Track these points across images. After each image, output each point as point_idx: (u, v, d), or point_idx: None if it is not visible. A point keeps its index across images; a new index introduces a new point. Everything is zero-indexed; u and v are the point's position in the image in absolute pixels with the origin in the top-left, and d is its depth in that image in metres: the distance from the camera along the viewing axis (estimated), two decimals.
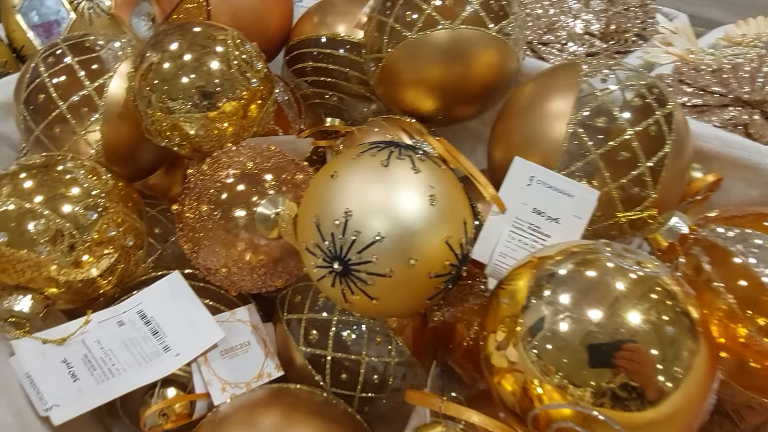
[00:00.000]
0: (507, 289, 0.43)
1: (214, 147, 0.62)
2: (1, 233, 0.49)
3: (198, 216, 0.54)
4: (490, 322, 0.43)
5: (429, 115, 0.68)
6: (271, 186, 0.54)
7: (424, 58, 0.62)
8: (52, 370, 0.47)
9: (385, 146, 0.49)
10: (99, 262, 0.54)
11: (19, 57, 0.97)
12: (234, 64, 0.60)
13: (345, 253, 0.45)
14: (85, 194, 0.53)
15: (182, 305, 0.55)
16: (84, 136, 0.65)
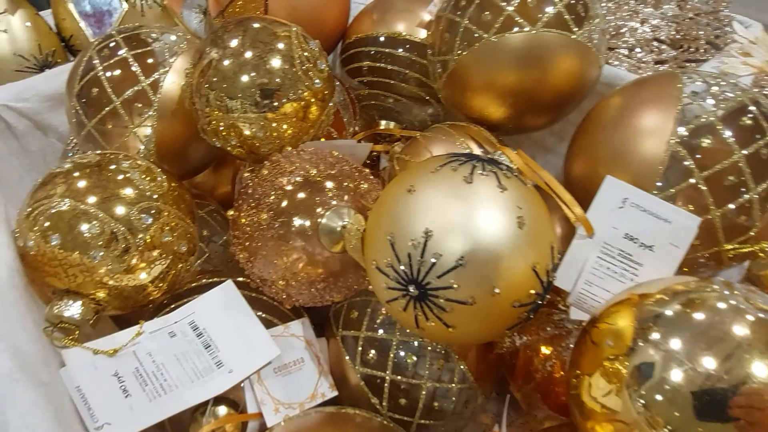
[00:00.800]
0: (604, 329, 0.39)
1: (271, 150, 0.59)
2: (54, 235, 0.47)
3: (256, 224, 0.51)
4: (585, 362, 0.39)
5: (497, 123, 0.64)
6: (335, 195, 0.51)
7: (499, 62, 0.58)
8: (103, 385, 0.44)
9: (466, 160, 0.44)
10: (151, 268, 0.51)
11: (67, 46, 0.96)
12: (297, 63, 0.57)
13: (423, 277, 0.41)
14: (139, 197, 0.51)
15: (235, 317, 0.52)
16: (136, 132, 0.62)
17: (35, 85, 0.74)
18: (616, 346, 0.37)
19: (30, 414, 0.33)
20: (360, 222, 0.48)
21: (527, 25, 0.56)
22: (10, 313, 0.40)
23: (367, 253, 0.46)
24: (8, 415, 0.33)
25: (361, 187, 0.53)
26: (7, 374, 0.35)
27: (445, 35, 0.61)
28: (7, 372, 0.35)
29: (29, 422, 0.33)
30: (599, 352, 0.38)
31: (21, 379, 0.35)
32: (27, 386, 0.35)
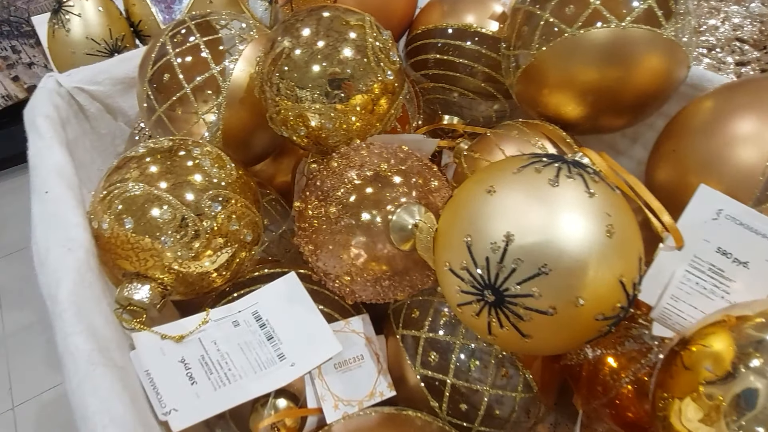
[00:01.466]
0: (698, 351, 0.36)
1: (338, 142, 0.58)
2: (128, 218, 0.47)
3: (323, 217, 0.50)
4: (675, 385, 0.36)
5: (572, 122, 0.61)
6: (405, 192, 0.49)
7: (581, 58, 0.55)
8: (171, 370, 0.44)
9: (550, 161, 0.42)
10: (217, 256, 0.51)
11: (136, 32, 0.98)
12: (369, 53, 0.56)
13: (501, 283, 0.39)
14: (210, 184, 0.51)
15: (298, 310, 0.52)
16: (204, 119, 0.62)
17: (107, 68, 0.75)
18: (712, 371, 0.34)
19: (108, 398, 0.34)
20: (432, 221, 0.46)
21: (614, 20, 0.52)
22: (87, 295, 0.41)
23: (440, 253, 0.44)
24: (88, 398, 0.33)
25: (431, 184, 0.52)
26: (86, 358, 0.35)
27: (523, 29, 0.58)
28: (86, 355, 0.35)
29: (108, 406, 0.33)
30: (692, 375, 0.35)
31: (99, 362, 0.35)
32: (105, 370, 0.35)
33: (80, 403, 0.33)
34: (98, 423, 0.32)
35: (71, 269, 0.42)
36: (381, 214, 0.48)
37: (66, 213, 0.49)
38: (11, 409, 1.13)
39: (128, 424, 0.33)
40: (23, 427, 1.09)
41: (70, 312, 0.38)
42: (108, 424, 0.32)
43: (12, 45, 2.28)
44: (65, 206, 0.50)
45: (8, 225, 1.65)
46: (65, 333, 0.37)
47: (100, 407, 0.33)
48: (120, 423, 0.32)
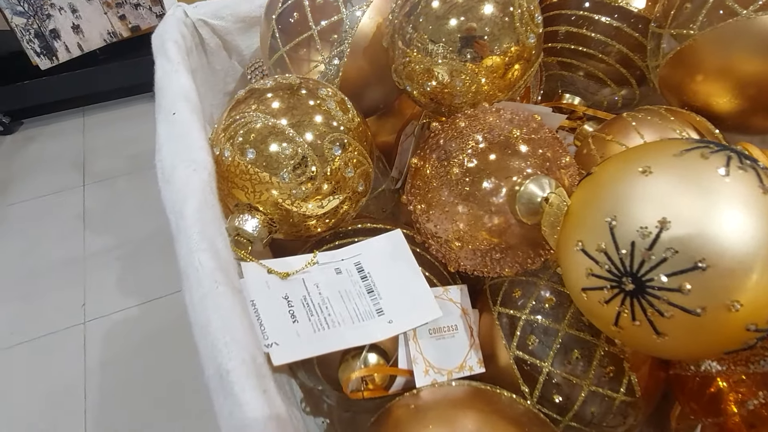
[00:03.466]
0: None
1: (461, 103, 0.55)
2: (250, 150, 0.47)
3: (444, 177, 0.48)
4: None
5: (719, 116, 0.55)
6: (534, 164, 0.46)
7: (750, 45, 0.49)
8: (275, 305, 0.44)
9: (719, 148, 0.38)
10: (328, 201, 0.50)
11: None
12: (516, 13, 0.52)
13: (646, 272, 0.36)
14: (331, 127, 0.49)
15: (401, 269, 0.50)
16: (327, 63, 0.61)
17: (231, 4, 0.76)
18: None
19: (229, 318, 0.34)
20: (564, 196, 0.43)
21: None
22: (210, 215, 0.41)
23: (571, 231, 0.41)
24: (210, 314, 0.33)
25: (562, 160, 0.48)
26: (210, 275, 0.35)
27: (686, 6, 0.53)
28: (210, 273, 0.35)
29: (229, 325, 0.33)
30: None
31: (222, 281, 0.35)
32: (227, 290, 0.35)
33: (202, 318, 0.33)
34: (220, 339, 0.31)
35: (196, 189, 0.42)
36: (507, 183, 0.46)
37: (192, 134, 0.49)
38: (83, 323, 1.21)
39: (249, 345, 0.32)
40: (91, 341, 1.17)
41: (195, 228, 0.38)
42: (230, 342, 0.31)
43: None
44: (191, 128, 0.50)
45: (102, 154, 1.75)
46: (190, 249, 0.37)
47: (222, 325, 0.33)
48: (241, 343, 0.32)
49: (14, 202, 1.58)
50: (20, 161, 1.77)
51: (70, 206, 1.54)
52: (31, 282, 1.31)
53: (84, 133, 1.93)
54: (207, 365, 0.32)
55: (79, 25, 2.35)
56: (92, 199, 1.57)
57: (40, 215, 1.52)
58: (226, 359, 0.31)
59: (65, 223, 1.48)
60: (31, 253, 1.39)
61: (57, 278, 1.31)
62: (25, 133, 1.95)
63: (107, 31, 2.43)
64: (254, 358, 0.32)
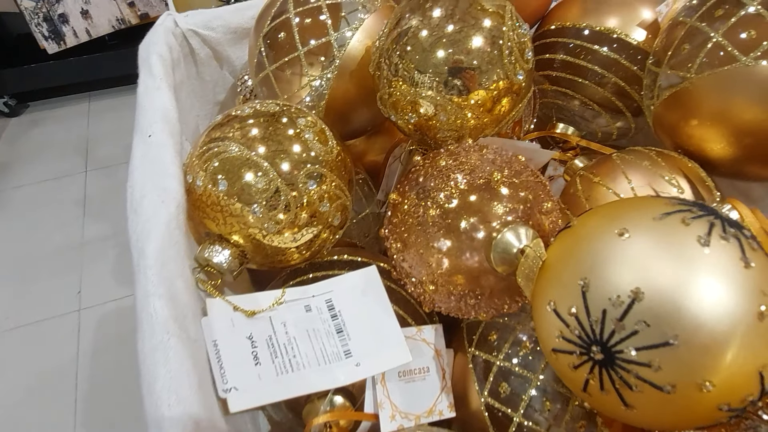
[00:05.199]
0: None
1: (446, 137, 0.54)
2: (223, 180, 0.46)
3: (420, 217, 0.46)
4: None
5: (713, 162, 0.53)
6: (513, 209, 0.44)
7: (749, 93, 0.47)
8: (238, 345, 0.43)
9: (701, 213, 0.36)
10: (302, 234, 0.49)
11: None
12: (504, 47, 0.50)
13: (615, 343, 0.34)
14: (309, 159, 0.48)
15: (373, 308, 0.49)
16: (311, 85, 0.60)
17: (223, 15, 0.74)
18: None
19: (177, 375, 0.32)
20: (541, 249, 0.41)
21: None
22: (173, 254, 0.39)
23: (544, 289, 0.39)
24: (159, 369, 0.32)
25: (543, 205, 0.46)
26: (163, 325, 0.34)
27: (684, 46, 0.51)
28: (163, 322, 0.34)
29: (176, 385, 0.32)
30: None
31: (175, 333, 0.34)
32: (178, 343, 0.34)
33: (150, 372, 0.32)
34: (164, 401, 0.30)
35: (161, 223, 0.41)
36: (484, 229, 0.44)
37: (165, 161, 0.48)
38: (77, 311, 1.21)
39: (193, 406, 0.31)
40: (85, 328, 1.17)
41: (154, 270, 0.37)
42: (174, 405, 0.30)
43: None
44: (165, 153, 0.49)
45: (105, 141, 1.74)
46: (147, 292, 0.36)
47: (168, 385, 0.31)
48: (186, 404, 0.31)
49: (16, 186, 1.58)
50: (24, 145, 1.77)
51: (71, 192, 1.54)
52: (27, 267, 1.31)
53: (89, 118, 1.93)
54: (149, 425, 0.30)
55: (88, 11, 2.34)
56: (93, 185, 1.56)
57: (41, 200, 1.52)
58: (168, 425, 0.29)
59: (65, 209, 1.47)
60: (29, 237, 1.39)
61: (54, 264, 1.30)
62: (31, 116, 1.95)
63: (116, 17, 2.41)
64: (197, 424, 0.31)
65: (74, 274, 1.29)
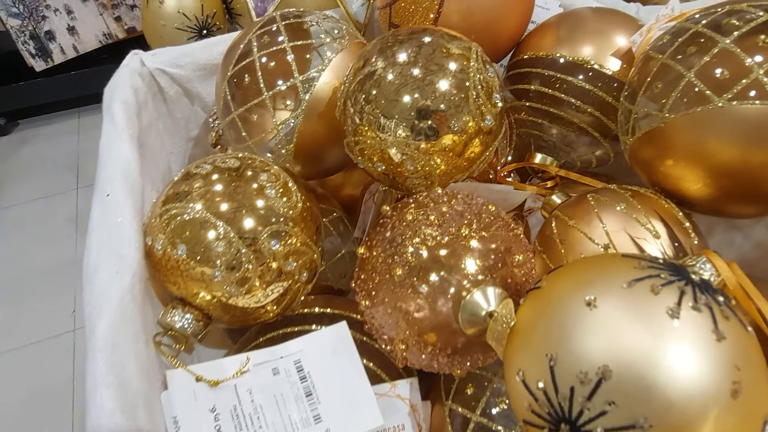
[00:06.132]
0: None
1: (416, 185, 0.52)
2: (181, 245, 0.44)
3: (386, 275, 0.45)
4: None
5: (691, 200, 0.51)
6: (482, 267, 0.43)
7: (725, 135, 0.45)
8: (200, 420, 0.41)
9: (671, 278, 0.34)
10: (268, 294, 0.47)
11: (228, 9, 0.95)
12: (469, 90, 0.49)
13: (584, 423, 0.32)
14: (271, 217, 0.46)
15: (344, 367, 0.47)
16: (279, 129, 0.58)
17: (191, 52, 0.73)
18: None
19: None
20: (510, 312, 0.40)
21: None
22: (126, 332, 0.38)
23: (513, 356, 0.38)
24: None
25: (515, 257, 0.45)
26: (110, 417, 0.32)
27: (657, 84, 0.49)
28: (110, 414, 0.32)
29: None
30: None
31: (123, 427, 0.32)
32: None
33: None
34: None
35: (114, 299, 0.39)
36: (452, 289, 0.42)
37: (122, 224, 0.46)
38: (72, 331, 1.19)
39: None
40: (81, 348, 1.14)
41: (104, 354, 0.35)
42: None
43: None
44: (123, 215, 0.47)
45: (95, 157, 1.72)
46: (95, 380, 0.34)
47: None
48: None
49: (7, 205, 1.56)
50: (15, 163, 1.76)
51: (63, 210, 1.52)
52: (20, 287, 1.29)
53: (79, 134, 1.91)
54: None
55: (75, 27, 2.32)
56: (85, 202, 1.54)
57: (32, 218, 1.50)
58: None
59: (58, 227, 1.45)
60: (21, 257, 1.37)
61: (48, 284, 1.28)
62: (21, 135, 1.94)
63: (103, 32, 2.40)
64: None
65: (68, 293, 1.27)
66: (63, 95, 2.14)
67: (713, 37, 0.46)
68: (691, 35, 0.48)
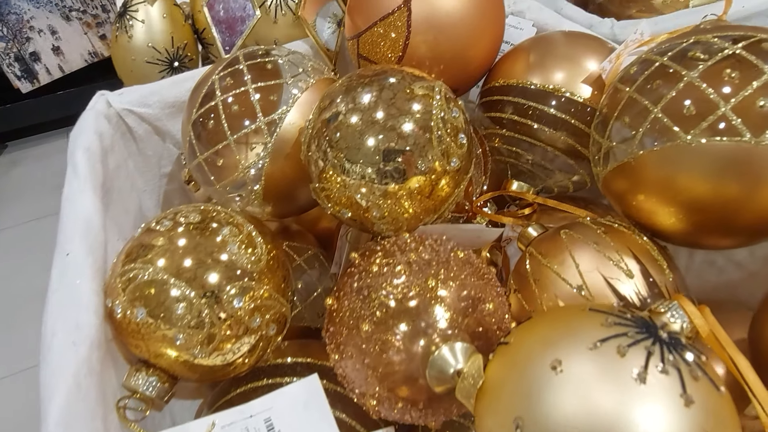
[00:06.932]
0: None
1: (384, 231, 0.51)
2: (141, 308, 0.43)
3: (354, 329, 0.43)
4: None
5: (667, 234, 0.50)
6: (451, 321, 0.42)
7: (695, 171, 0.44)
8: None
9: (639, 337, 0.33)
10: (235, 353, 0.46)
11: (200, 39, 0.93)
12: (433, 131, 0.47)
13: None
14: (234, 274, 0.45)
15: (316, 425, 0.46)
16: (246, 172, 0.57)
17: (159, 90, 0.71)
18: None
19: None
20: (479, 369, 0.38)
21: (747, 133, 0.41)
22: (80, 411, 0.36)
23: (483, 417, 0.37)
24: None
25: (485, 306, 0.44)
26: None
27: (624, 118, 0.48)
28: None
29: None
30: None
31: None
32: None
33: None
34: None
35: (69, 375, 0.38)
36: (422, 343, 0.41)
37: (81, 289, 0.45)
38: None
39: None
40: None
41: None
42: None
43: (102, 4, 2.35)
44: (82, 276, 0.46)
45: None
46: None
47: None
48: None
49: None
50: (5, 186, 1.74)
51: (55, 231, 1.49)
52: (13, 312, 1.26)
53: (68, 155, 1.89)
54: None
55: (60, 47, 2.31)
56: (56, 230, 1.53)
57: (24, 242, 1.48)
58: None
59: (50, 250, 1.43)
60: (14, 281, 1.35)
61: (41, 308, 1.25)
62: (10, 157, 1.92)
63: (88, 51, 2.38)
64: None
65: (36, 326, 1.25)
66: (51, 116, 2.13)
67: (679, 70, 0.45)
68: (657, 68, 0.47)
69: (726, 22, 0.52)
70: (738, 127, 0.42)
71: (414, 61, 0.63)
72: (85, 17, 2.30)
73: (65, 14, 2.24)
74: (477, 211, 0.65)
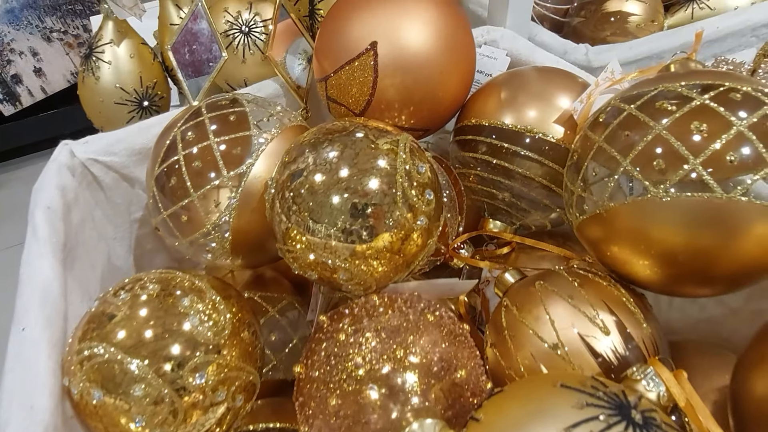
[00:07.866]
0: None
1: (353, 291, 0.49)
2: (98, 390, 0.41)
3: (321, 402, 0.42)
4: None
5: (644, 283, 0.49)
6: (424, 395, 0.40)
7: (667, 224, 0.43)
8: None
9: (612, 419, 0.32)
10: (200, 428, 0.44)
11: (170, 75, 0.92)
12: (398, 187, 0.46)
13: None
14: (195, 348, 0.43)
15: None
16: (211, 227, 0.55)
17: (125, 137, 0.70)
18: None
19: None
20: None
21: (717, 188, 0.40)
22: None
23: None
24: None
25: (456, 374, 0.42)
26: None
27: (595, 169, 0.47)
28: None
29: None
30: None
31: None
32: None
33: None
34: None
35: None
36: (392, 419, 0.40)
37: (36, 368, 0.43)
38: None
39: None
40: None
41: None
42: None
43: (84, 24, 2.33)
44: (39, 353, 0.44)
45: None
46: None
47: None
48: None
49: None
50: None
51: None
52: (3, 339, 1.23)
53: None
54: None
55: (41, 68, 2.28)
56: None
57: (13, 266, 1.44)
58: None
59: None
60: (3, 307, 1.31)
61: None
62: None
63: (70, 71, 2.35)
64: None
65: None
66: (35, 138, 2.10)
67: (647, 122, 0.44)
68: (626, 117, 0.46)
69: (696, 62, 0.51)
70: (708, 183, 0.40)
71: (383, 104, 0.61)
72: (66, 37, 2.27)
73: (46, 35, 2.22)
74: (453, 254, 0.64)
